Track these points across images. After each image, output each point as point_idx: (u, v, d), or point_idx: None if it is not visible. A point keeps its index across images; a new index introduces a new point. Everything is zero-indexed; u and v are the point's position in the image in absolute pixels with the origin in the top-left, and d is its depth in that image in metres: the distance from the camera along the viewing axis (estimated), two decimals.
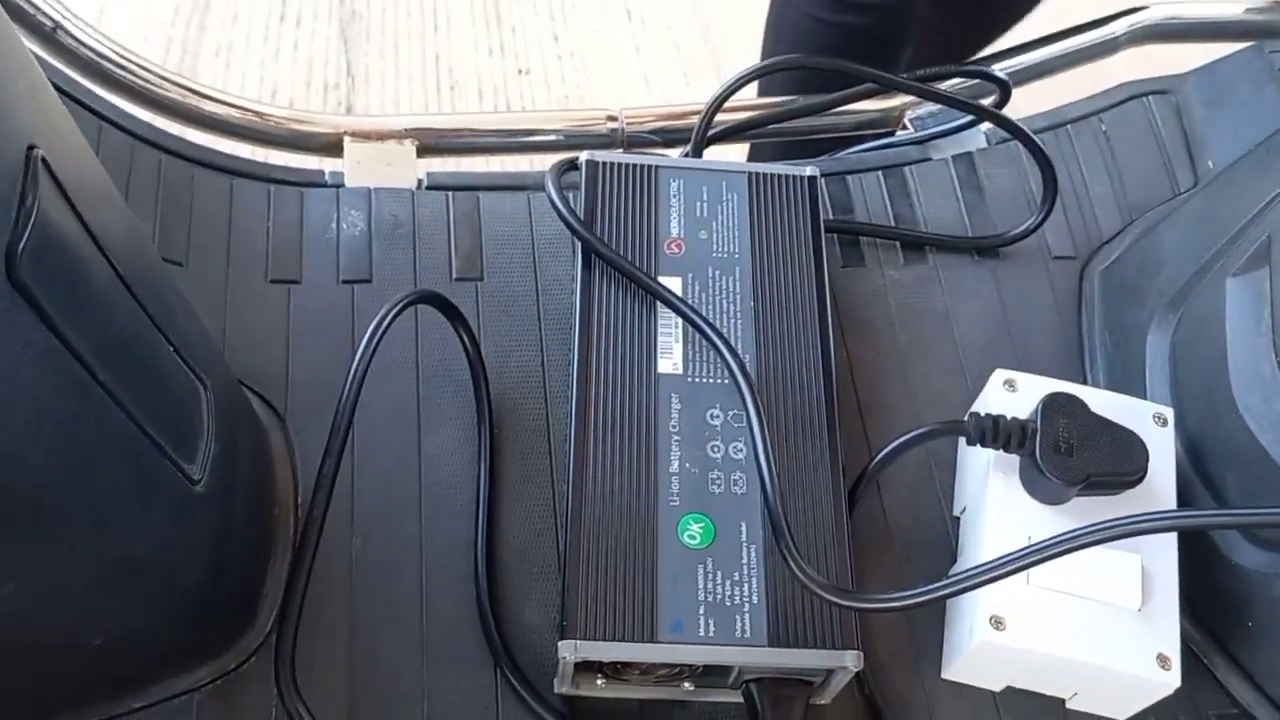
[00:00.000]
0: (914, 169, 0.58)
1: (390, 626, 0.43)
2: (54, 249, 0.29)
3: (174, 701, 0.40)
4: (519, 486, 0.47)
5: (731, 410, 0.44)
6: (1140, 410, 0.46)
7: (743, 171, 0.50)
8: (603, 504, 0.41)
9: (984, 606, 0.41)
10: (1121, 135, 0.60)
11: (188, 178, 0.52)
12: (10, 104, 0.29)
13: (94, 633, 0.33)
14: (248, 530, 0.42)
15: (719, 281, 0.47)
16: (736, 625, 0.39)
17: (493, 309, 0.51)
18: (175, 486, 0.35)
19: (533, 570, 0.45)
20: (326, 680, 0.42)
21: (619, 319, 0.46)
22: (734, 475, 0.42)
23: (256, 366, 0.48)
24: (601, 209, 0.48)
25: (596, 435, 0.43)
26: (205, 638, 0.41)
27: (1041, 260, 0.55)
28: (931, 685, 0.44)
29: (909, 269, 0.55)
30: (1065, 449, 0.42)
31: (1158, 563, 0.42)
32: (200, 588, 0.38)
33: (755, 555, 0.41)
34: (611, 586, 0.40)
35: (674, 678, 0.42)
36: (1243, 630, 0.45)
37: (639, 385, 0.44)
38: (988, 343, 0.53)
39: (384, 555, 0.45)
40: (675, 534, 0.41)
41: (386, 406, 0.48)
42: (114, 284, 0.33)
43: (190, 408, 0.37)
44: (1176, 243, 0.52)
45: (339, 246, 0.52)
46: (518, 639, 0.44)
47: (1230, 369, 0.45)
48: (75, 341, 0.29)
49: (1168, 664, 0.41)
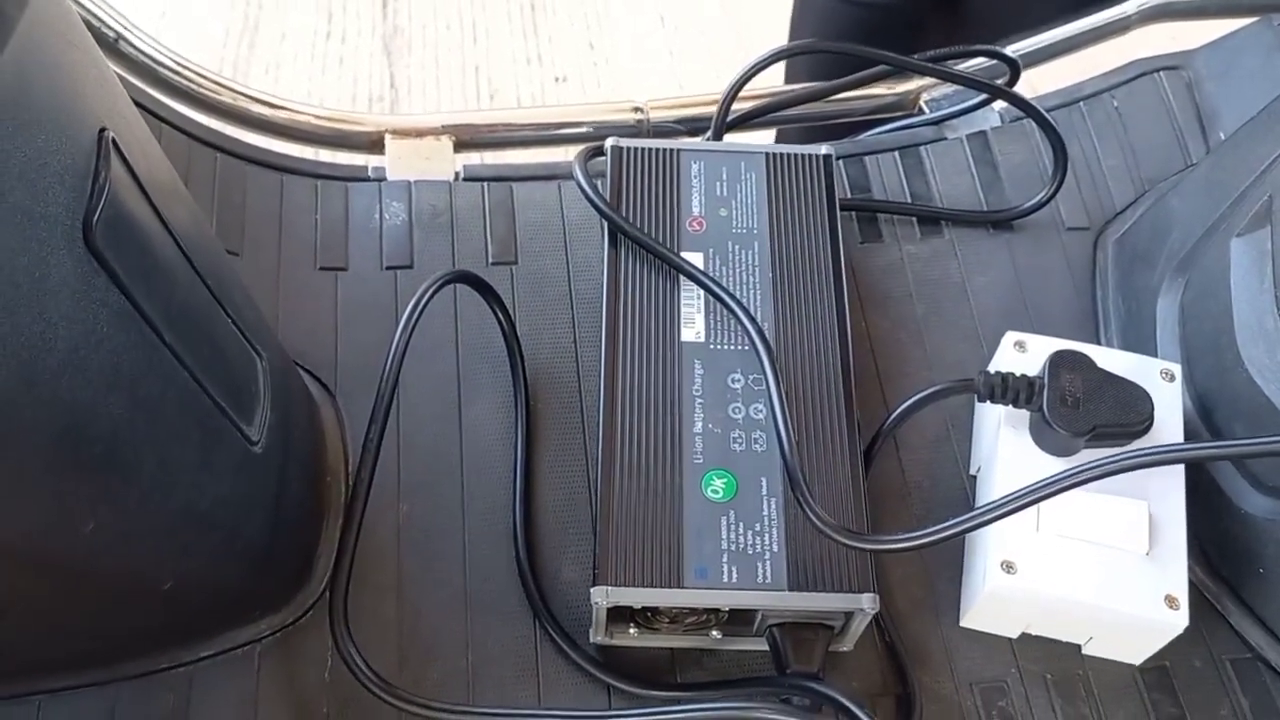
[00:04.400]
0: (930, 148, 0.60)
1: (435, 584, 0.46)
2: (124, 221, 0.32)
3: (237, 651, 0.43)
4: (554, 454, 0.50)
5: (751, 374, 0.46)
6: (1147, 366, 0.48)
7: (760, 152, 0.53)
8: (631, 463, 0.44)
9: (995, 553, 0.43)
10: (1133, 110, 0.61)
11: (241, 175, 0.55)
12: (84, 90, 0.32)
13: (165, 575, 0.36)
14: (302, 493, 0.45)
15: (738, 255, 0.50)
16: (758, 571, 0.42)
17: (527, 290, 0.54)
18: (235, 446, 0.39)
19: (568, 531, 0.48)
20: (377, 633, 0.45)
21: (644, 292, 0.48)
22: (754, 434, 0.45)
23: (308, 347, 0.51)
24: (626, 191, 0.51)
25: (624, 400, 0.45)
26: (265, 591, 0.44)
27: (1055, 231, 0.57)
28: (950, 633, 0.46)
29: (925, 243, 0.57)
30: (1072, 402, 0.44)
31: (1165, 509, 0.44)
32: (259, 543, 0.42)
33: (775, 507, 0.43)
34: (640, 538, 0.42)
35: (702, 626, 0.44)
36: (1254, 576, 0.46)
37: (664, 353, 0.47)
38: (1003, 311, 0.55)
39: (429, 519, 0.48)
40: (699, 489, 0.44)
41: (429, 383, 0.51)
42: (178, 258, 0.36)
43: (248, 375, 0.40)
44: (1185, 208, 0.53)
45: (382, 235, 0.55)
46: (555, 594, 0.47)
47: (1235, 325, 0.47)
48: (145, 305, 0.33)
49: (1176, 604, 0.42)
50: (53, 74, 0.31)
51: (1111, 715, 0.44)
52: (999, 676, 0.45)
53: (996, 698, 0.45)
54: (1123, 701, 0.45)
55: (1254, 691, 0.45)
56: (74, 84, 0.32)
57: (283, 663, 0.44)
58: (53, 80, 0.31)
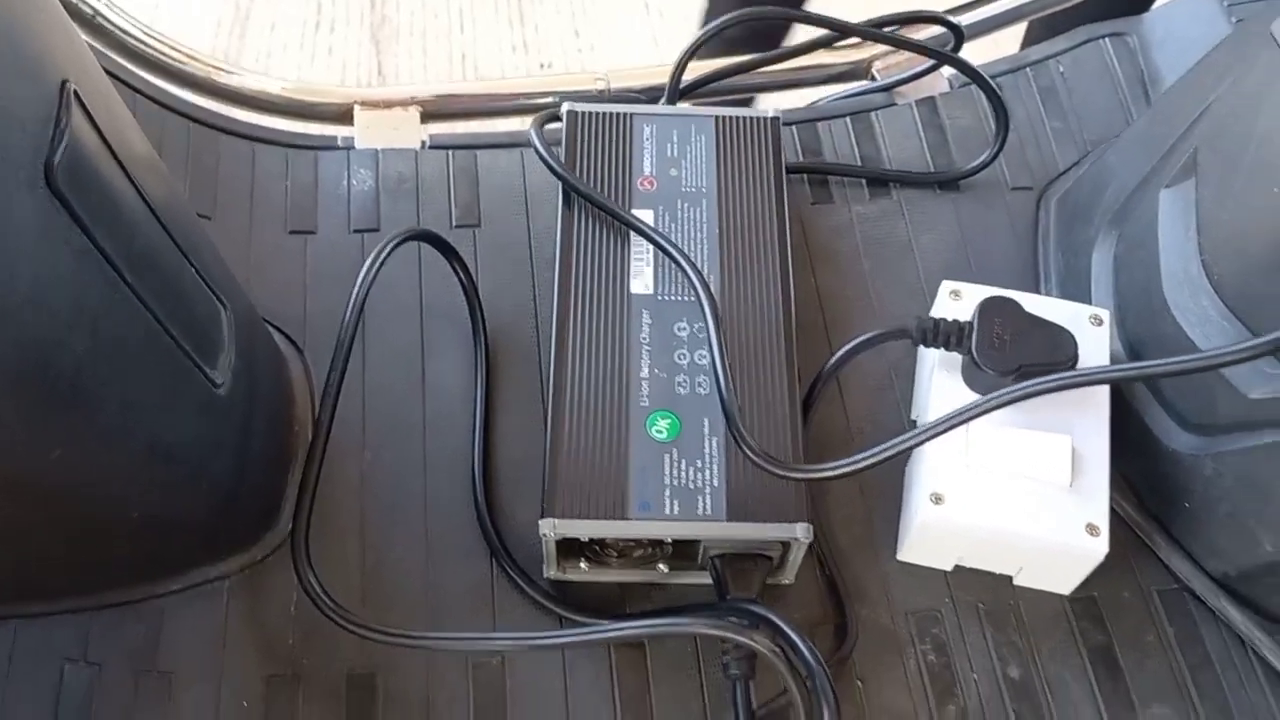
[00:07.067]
0: (880, 114, 0.62)
1: (397, 527, 0.49)
2: (85, 167, 0.34)
3: (206, 586, 0.46)
4: (512, 405, 0.52)
5: (697, 323, 0.48)
6: (1077, 312, 0.50)
7: (710, 115, 0.55)
8: (580, 404, 0.46)
9: (926, 486, 0.45)
10: (1079, 75, 0.63)
11: (214, 143, 0.57)
12: (49, 47, 0.34)
13: (132, 506, 0.39)
14: (269, 438, 0.48)
15: (687, 213, 0.52)
16: (699, 504, 0.44)
17: (489, 252, 0.56)
18: (199, 386, 0.41)
19: (525, 477, 0.50)
20: (340, 574, 0.47)
21: (596, 247, 0.50)
22: (698, 379, 0.47)
23: (277, 306, 0.54)
24: (581, 153, 0.53)
25: (575, 346, 0.48)
26: (233, 530, 0.46)
27: (1000, 191, 0.59)
28: (888, 567, 0.48)
29: (874, 203, 0.59)
30: (999, 344, 0.46)
31: (1089, 444, 0.46)
32: (226, 482, 0.44)
33: (716, 446, 0.45)
34: (587, 474, 0.45)
35: (649, 560, 0.46)
36: (1181, 511, 0.48)
37: (613, 303, 0.49)
38: (948, 267, 0.57)
39: (392, 467, 0.50)
40: (645, 429, 0.46)
41: (393, 340, 0.53)
42: (140, 206, 0.38)
43: (212, 322, 0.43)
44: (1120, 164, 0.55)
45: (350, 200, 0.57)
46: (511, 535, 0.49)
47: (1162, 272, 0.49)
48: (106, 246, 0.35)
49: (1096, 532, 0.44)
50: (17, 30, 0.33)
51: (1040, 643, 0.46)
52: (933, 606, 0.47)
53: (930, 626, 0.47)
54: (1052, 630, 0.47)
55: (1179, 620, 0.47)
56: (38, 41, 0.34)
57: (250, 598, 0.46)
58: (16, 36, 0.33)
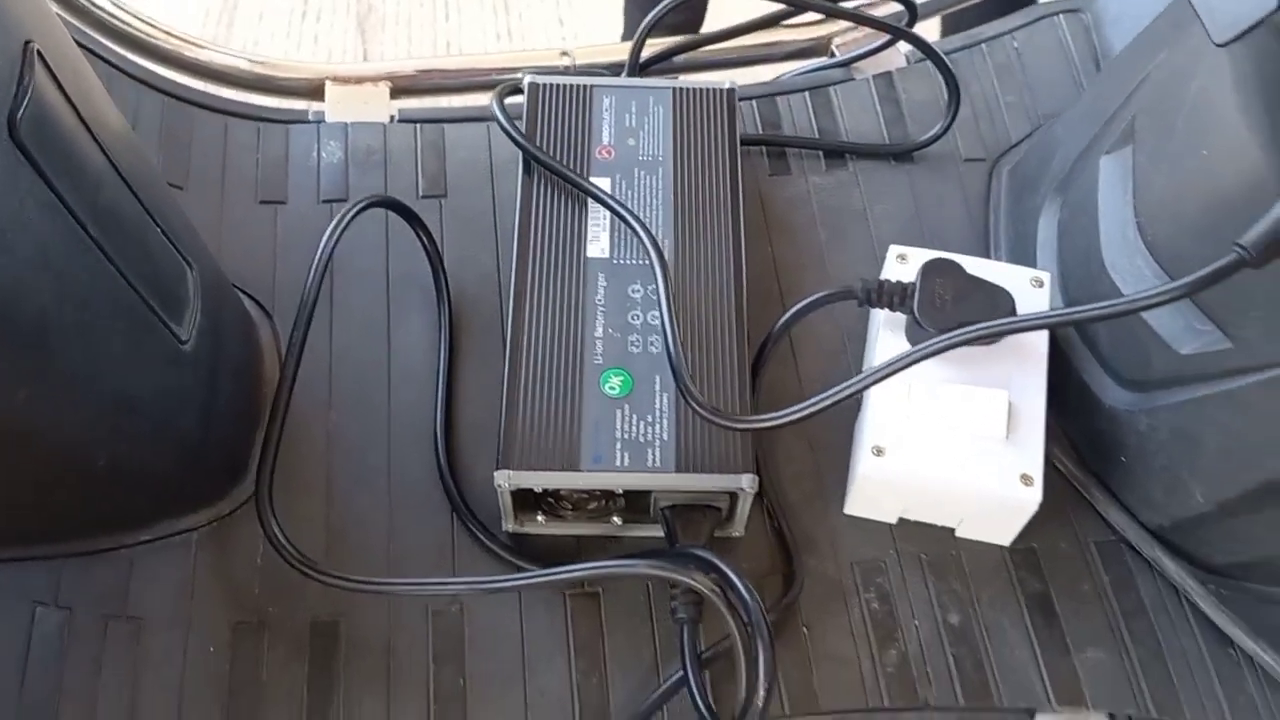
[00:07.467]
0: (838, 88, 0.64)
1: (361, 485, 0.50)
2: (48, 122, 0.36)
3: (175, 538, 0.47)
4: (475, 370, 0.54)
5: (650, 285, 0.50)
6: (1018, 274, 0.51)
7: (667, 87, 0.56)
8: (536, 362, 0.48)
9: (869, 439, 0.47)
10: (1033, 51, 0.65)
11: (188, 117, 0.59)
12: (13, 11, 0.36)
13: (98, 453, 0.40)
14: (236, 397, 0.49)
15: (643, 180, 0.53)
16: (648, 457, 0.46)
17: (455, 222, 0.58)
18: (163, 340, 0.43)
19: (486, 438, 0.52)
20: (306, 529, 0.49)
21: (554, 213, 0.52)
22: (650, 338, 0.49)
23: (248, 273, 0.55)
24: (542, 123, 0.55)
25: (532, 306, 0.49)
26: (201, 485, 0.48)
27: (953, 163, 0.61)
28: (835, 521, 0.50)
29: (830, 175, 0.60)
30: (940, 304, 0.48)
31: (1025, 399, 0.48)
32: (192, 436, 0.46)
33: (667, 402, 0.47)
34: (541, 429, 0.46)
35: (603, 513, 0.48)
36: (1117, 465, 0.50)
37: (570, 267, 0.50)
38: (901, 236, 0.58)
39: (357, 428, 0.52)
40: (598, 386, 0.47)
41: (360, 306, 0.55)
42: (104, 165, 0.40)
43: (177, 280, 0.44)
44: (1066, 133, 0.57)
45: (319, 172, 0.59)
46: (472, 492, 0.50)
47: (1101, 236, 0.51)
48: (69, 199, 0.37)
49: (1030, 482, 0.46)
50: None
51: (980, 590, 0.48)
52: (878, 557, 0.49)
53: (875, 576, 0.49)
54: (992, 579, 0.49)
55: (1114, 569, 0.49)
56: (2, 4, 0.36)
57: (218, 549, 0.48)
58: None
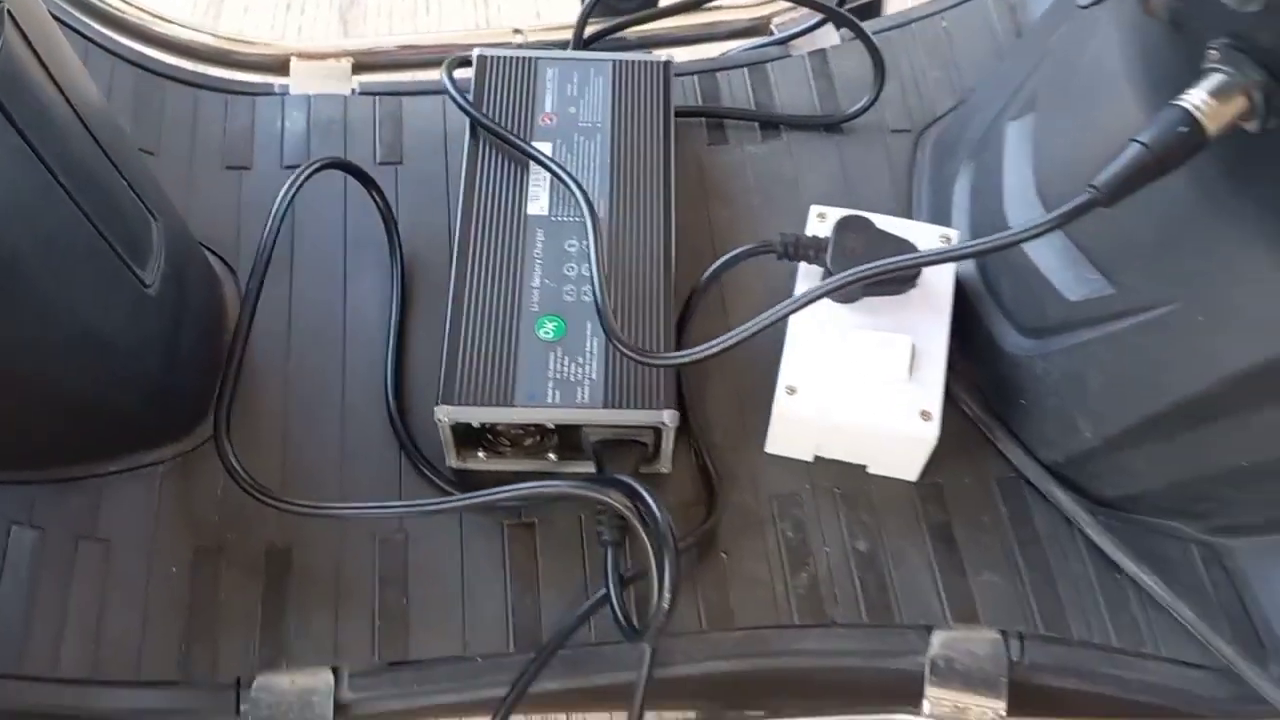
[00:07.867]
0: (775, 65, 0.68)
1: (316, 425, 0.54)
2: (18, 75, 0.40)
3: (142, 470, 0.51)
4: (425, 322, 0.57)
5: (586, 240, 0.54)
6: (928, 231, 0.55)
7: (608, 59, 0.60)
8: (476, 308, 0.52)
9: (784, 380, 0.51)
10: (961, 29, 0.69)
11: (160, 89, 0.63)
12: None
13: (67, 386, 0.44)
14: (200, 343, 0.53)
15: (582, 145, 0.57)
16: (578, 394, 0.50)
17: (409, 187, 0.62)
18: (129, 283, 0.46)
19: (433, 382, 0.55)
20: (263, 466, 0.52)
21: (498, 174, 0.56)
22: (584, 288, 0.53)
23: (215, 233, 0.59)
24: (489, 92, 0.59)
25: (474, 257, 0.53)
26: (166, 422, 0.52)
27: (881, 134, 0.65)
28: (757, 458, 0.54)
29: (765, 144, 0.64)
30: (851, 255, 0.52)
31: (928, 343, 0.52)
32: (157, 375, 0.49)
33: (597, 345, 0.51)
34: (480, 368, 0.50)
35: (539, 449, 0.52)
36: (1017, 407, 0.54)
37: (511, 222, 0.54)
38: (830, 201, 0.62)
39: (313, 373, 0.56)
40: (534, 331, 0.51)
41: (318, 263, 0.59)
42: (73, 120, 0.44)
43: (142, 230, 0.48)
44: (983, 102, 0.61)
45: (283, 140, 0.63)
46: (420, 435, 0.54)
47: (1005, 197, 0.54)
48: (40, 148, 0.40)
49: (929, 417, 0.50)
50: None
51: (887, 520, 0.52)
52: (795, 491, 0.53)
53: (791, 507, 0.52)
54: (899, 510, 0.52)
55: (1013, 503, 0.53)
56: None
57: (181, 481, 0.51)
58: None
